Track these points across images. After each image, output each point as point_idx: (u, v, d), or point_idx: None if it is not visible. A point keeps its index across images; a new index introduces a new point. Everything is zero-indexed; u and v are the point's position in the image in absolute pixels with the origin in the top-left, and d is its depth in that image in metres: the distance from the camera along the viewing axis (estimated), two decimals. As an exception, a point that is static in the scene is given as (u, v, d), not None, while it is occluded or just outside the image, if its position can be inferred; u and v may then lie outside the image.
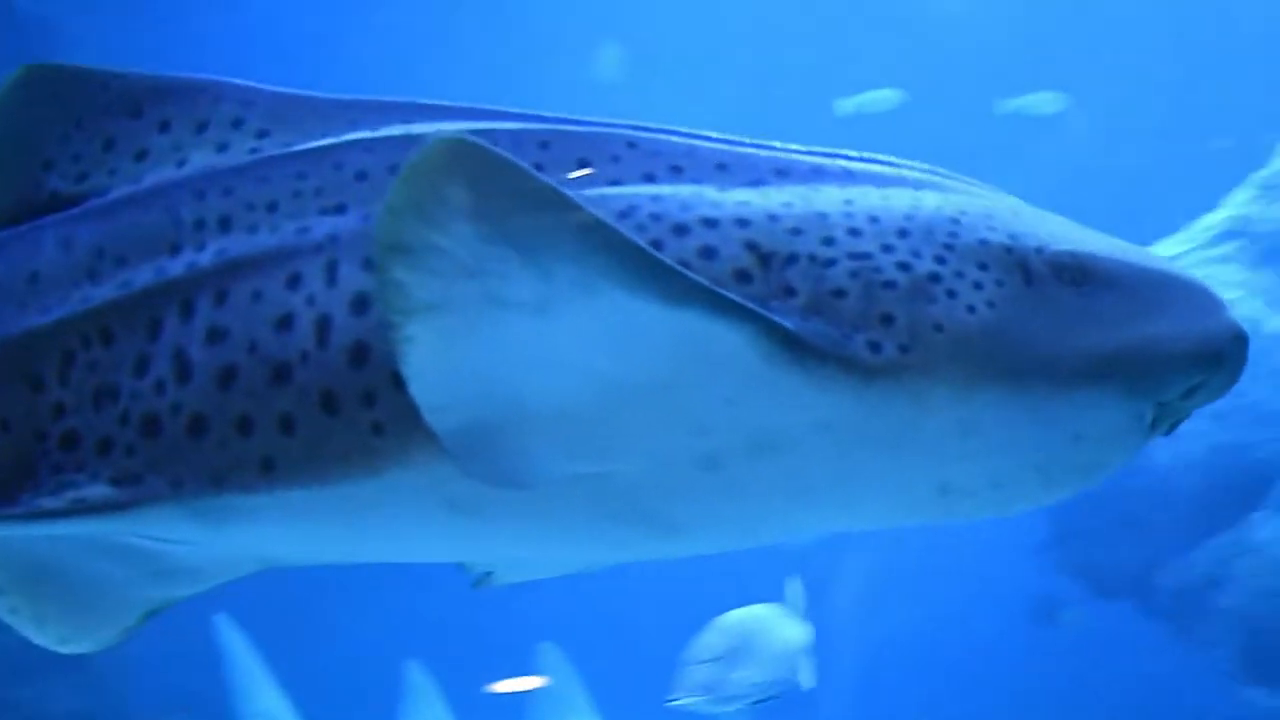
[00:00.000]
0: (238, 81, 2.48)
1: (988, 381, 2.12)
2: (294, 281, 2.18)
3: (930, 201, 2.26)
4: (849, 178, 2.32)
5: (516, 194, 1.84)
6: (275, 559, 2.52)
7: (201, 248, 2.25)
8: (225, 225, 2.26)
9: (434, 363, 1.96)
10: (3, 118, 2.45)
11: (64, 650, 2.63)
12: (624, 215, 2.17)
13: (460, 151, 1.82)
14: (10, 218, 2.42)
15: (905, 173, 2.36)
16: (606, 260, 1.88)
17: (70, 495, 2.22)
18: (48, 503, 2.23)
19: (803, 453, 2.13)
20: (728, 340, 1.99)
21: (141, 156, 2.40)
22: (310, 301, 2.16)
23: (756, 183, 2.27)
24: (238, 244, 2.24)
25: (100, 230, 2.32)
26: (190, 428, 2.18)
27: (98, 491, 2.21)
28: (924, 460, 2.18)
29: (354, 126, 2.39)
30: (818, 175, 2.31)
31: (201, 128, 2.41)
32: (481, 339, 1.95)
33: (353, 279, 2.15)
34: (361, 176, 2.27)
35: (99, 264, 2.29)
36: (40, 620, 2.58)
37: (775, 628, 7.04)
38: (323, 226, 2.22)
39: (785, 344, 2.02)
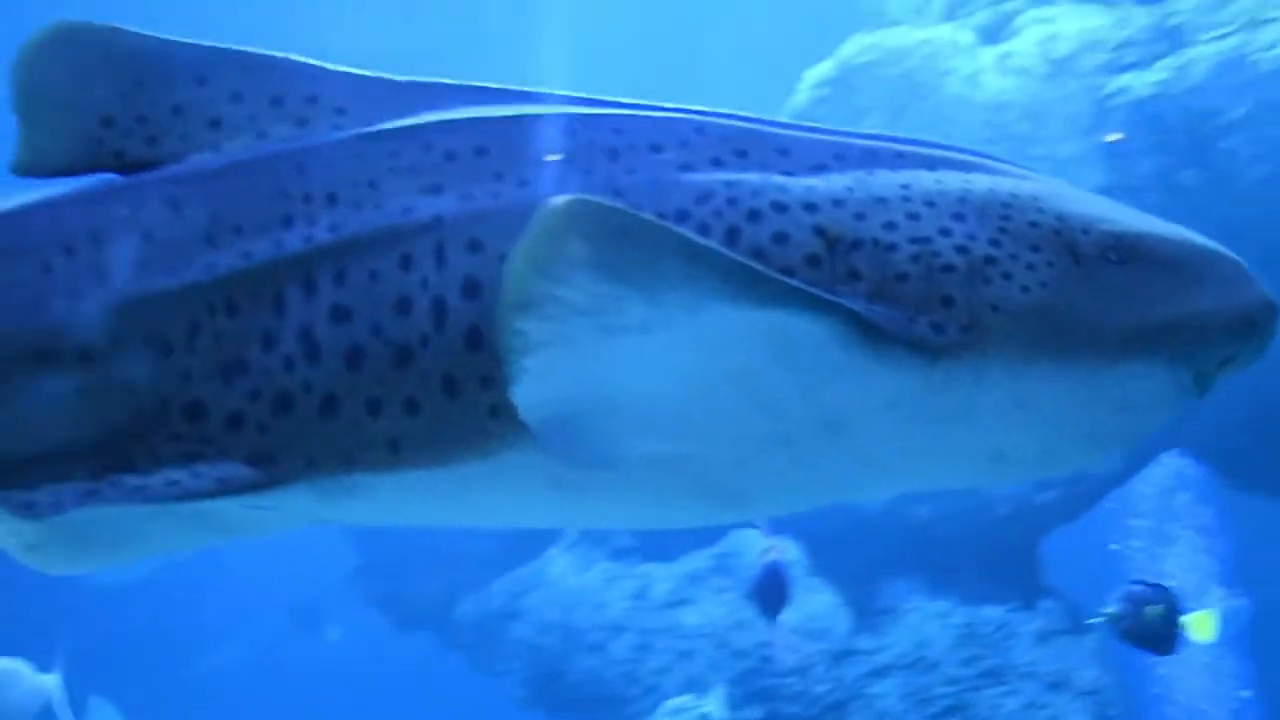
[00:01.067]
0: (305, 59, 2.46)
1: (1041, 358, 2.22)
2: (406, 263, 2.18)
3: (981, 184, 2.35)
4: (900, 160, 2.39)
5: (632, 241, 1.91)
6: (340, 519, 2.47)
7: (313, 221, 2.23)
8: (332, 200, 2.24)
9: (542, 385, 2.02)
10: (45, 68, 2.36)
11: (56, 573, 2.53)
12: (701, 201, 2.24)
13: (579, 211, 1.88)
14: (65, 167, 2.36)
15: (952, 155, 2.44)
16: (712, 281, 1.96)
17: (207, 473, 2.15)
18: (187, 480, 2.14)
19: (869, 429, 2.22)
20: (812, 332, 2.07)
21: (215, 125, 2.37)
22: (424, 285, 2.16)
23: (819, 168, 2.33)
24: (348, 220, 2.23)
25: (209, 196, 2.27)
26: (322, 407, 2.16)
27: (234, 470, 2.16)
28: (981, 432, 2.28)
29: (426, 107, 2.38)
30: (872, 159, 2.38)
31: (277, 101, 2.39)
32: (587, 359, 2.01)
33: (460, 263, 2.17)
34: (451, 157, 2.28)
35: (215, 230, 2.23)
36: (70, 561, 2.48)
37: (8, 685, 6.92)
38: (425, 207, 2.22)
39: (860, 330, 2.09)
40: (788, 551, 8.44)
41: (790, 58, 13.45)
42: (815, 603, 11.69)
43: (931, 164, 2.39)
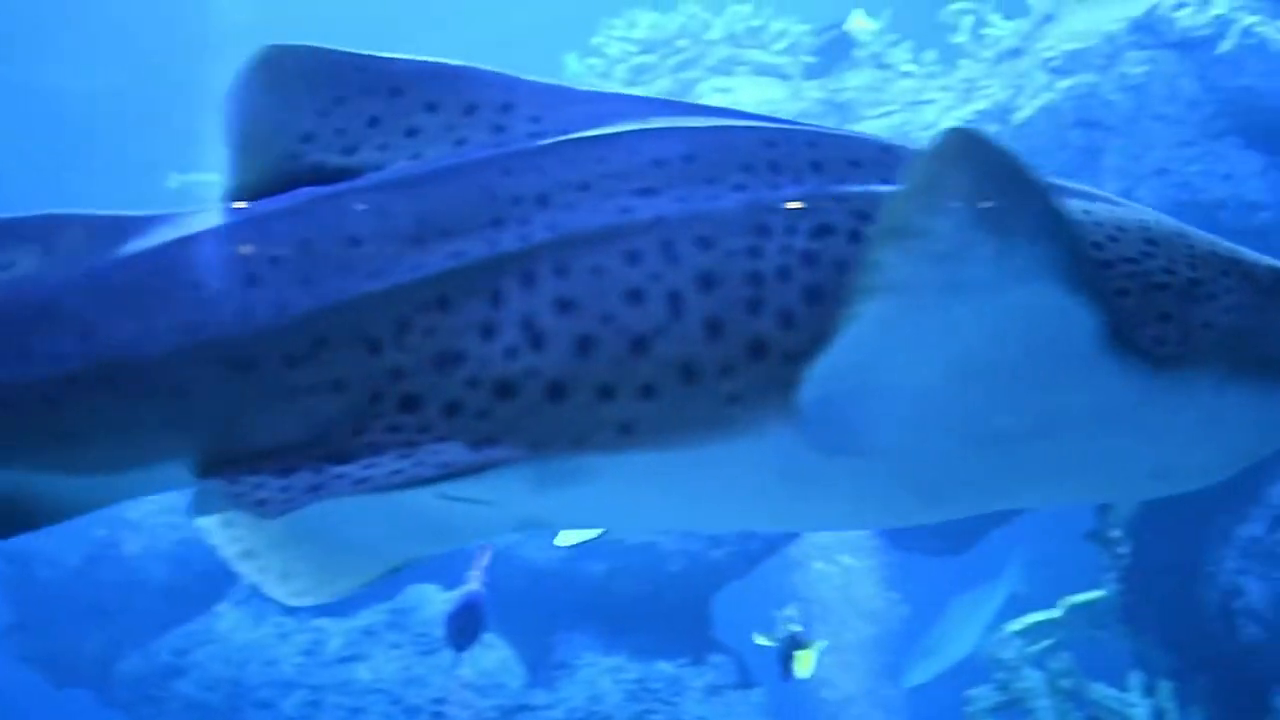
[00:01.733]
0: (491, 69, 2.51)
1: (1240, 377, 2.31)
2: (632, 258, 2.23)
3: (1138, 212, 2.44)
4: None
5: (1011, 184, 1.94)
6: (548, 522, 2.53)
7: (526, 222, 2.27)
8: (544, 202, 2.29)
9: (860, 340, 2.07)
10: (253, 94, 2.43)
11: (296, 603, 2.61)
12: None
13: (971, 142, 1.92)
14: (265, 188, 2.39)
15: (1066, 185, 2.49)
16: (1055, 251, 2.01)
17: (429, 459, 2.16)
18: (410, 468, 2.15)
19: (1076, 436, 2.27)
20: (1088, 326, 2.11)
21: (413, 134, 2.43)
22: (655, 278, 2.21)
23: None
24: (563, 219, 2.27)
25: (414, 200, 2.31)
26: (549, 392, 2.20)
27: (455, 453, 2.18)
28: (1165, 446, 2.35)
29: (616, 117, 2.45)
30: None
31: (471, 110, 2.45)
32: (909, 321, 2.06)
33: (692, 258, 2.22)
34: (659, 163, 2.33)
35: (423, 233, 2.27)
36: (286, 577, 2.56)
37: None
38: (644, 207, 2.27)
39: (1114, 332, 2.14)
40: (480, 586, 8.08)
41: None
42: (489, 658, 11.66)
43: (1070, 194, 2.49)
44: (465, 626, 8.17)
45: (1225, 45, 10.66)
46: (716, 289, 2.21)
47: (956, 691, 9.45)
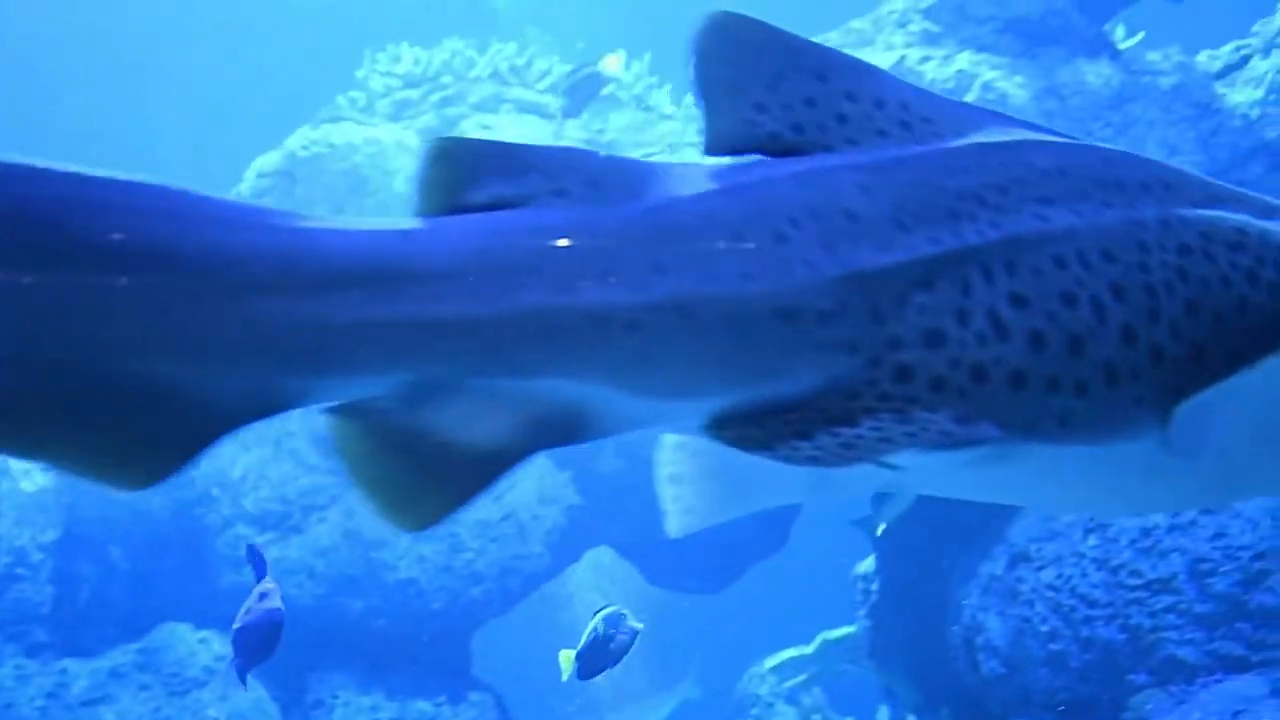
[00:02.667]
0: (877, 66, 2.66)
1: None
2: (1060, 262, 2.42)
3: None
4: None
5: None
6: (943, 488, 2.76)
7: (974, 219, 2.43)
8: (980, 201, 2.45)
9: (1269, 380, 2.35)
10: (712, 53, 2.56)
11: (681, 533, 2.82)
12: (1236, 248, 2.55)
13: None
14: (732, 148, 2.52)
15: None
16: None
17: (930, 427, 2.30)
18: (917, 433, 2.29)
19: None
20: None
21: (842, 120, 2.55)
22: (1080, 283, 2.41)
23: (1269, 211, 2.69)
24: (1001, 220, 2.44)
25: (886, 184, 2.43)
26: (1012, 380, 2.36)
27: (947, 424, 2.32)
28: None
29: (977, 125, 2.63)
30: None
31: (880, 104, 2.58)
32: None
33: (1104, 269, 2.43)
34: (1046, 174, 2.52)
35: (902, 217, 2.40)
36: (688, 510, 2.82)
37: None
38: (1054, 216, 2.47)
39: None
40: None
41: (240, 144, 13.36)
42: (241, 698, 11.38)
43: None
44: (262, 644, 7.52)
45: (968, 98, 11.16)
46: (1125, 297, 2.44)
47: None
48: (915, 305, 2.37)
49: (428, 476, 2.12)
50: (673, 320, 2.22)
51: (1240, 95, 11.59)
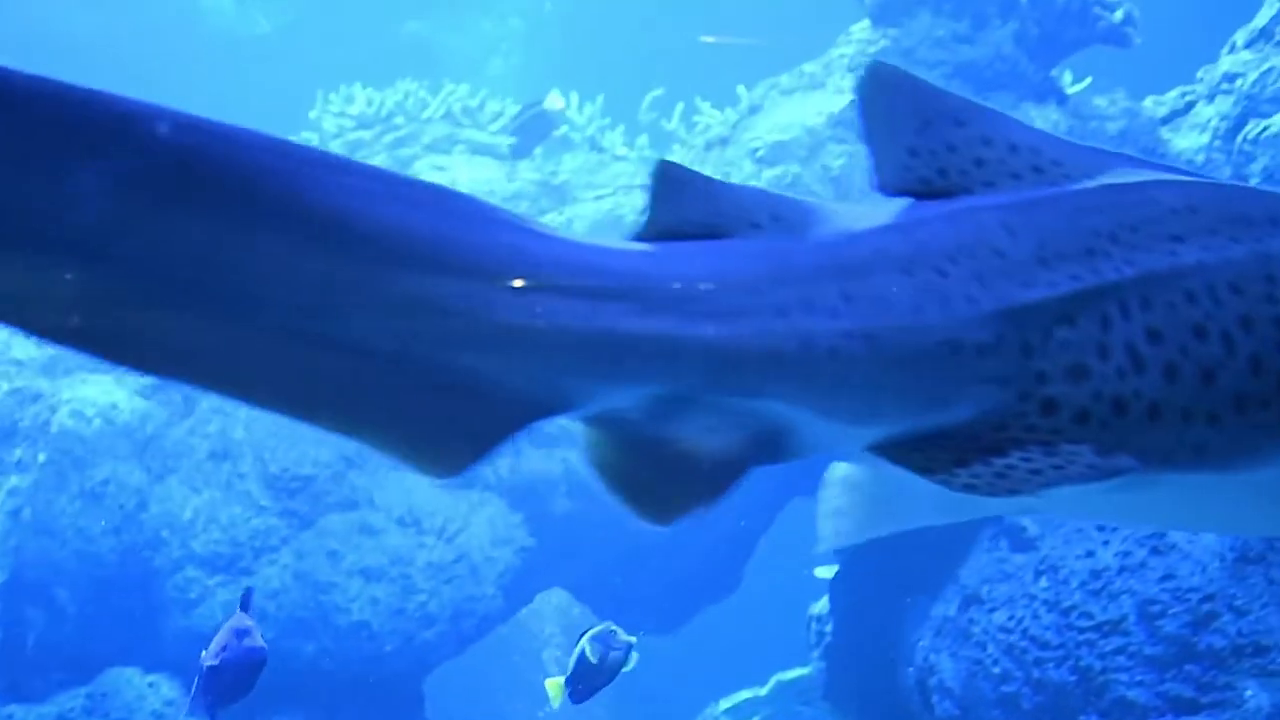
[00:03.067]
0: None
1: None
2: (1191, 297, 2.49)
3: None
4: None
5: None
6: (1078, 512, 2.93)
7: (1109, 256, 2.52)
8: (1113, 239, 2.54)
9: None
10: (872, 100, 2.71)
11: (834, 546, 2.94)
12: None
13: None
14: (895, 189, 2.63)
15: None
16: None
17: (1076, 460, 2.38)
18: (1065, 466, 2.37)
19: None
20: None
21: (980, 164, 2.66)
22: (1210, 317, 2.49)
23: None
24: (1134, 257, 2.52)
25: (1027, 225, 2.53)
26: (1149, 412, 2.44)
27: (1091, 459, 2.40)
28: None
29: (1104, 168, 2.71)
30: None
31: (1013, 149, 2.69)
32: None
33: (1231, 302, 2.50)
34: (1175, 211, 2.60)
35: (1044, 255, 2.50)
36: (841, 534, 2.93)
37: None
38: (1183, 252, 2.54)
39: None
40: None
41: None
42: (187, 745, 11.24)
43: None
44: (237, 683, 7.18)
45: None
46: (1254, 330, 2.52)
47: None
48: (1059, 340, 2.47)
49: (676, 483, 2.27)
50: (862, 348, 2.34)
51: (1185, 140, 11.74)
